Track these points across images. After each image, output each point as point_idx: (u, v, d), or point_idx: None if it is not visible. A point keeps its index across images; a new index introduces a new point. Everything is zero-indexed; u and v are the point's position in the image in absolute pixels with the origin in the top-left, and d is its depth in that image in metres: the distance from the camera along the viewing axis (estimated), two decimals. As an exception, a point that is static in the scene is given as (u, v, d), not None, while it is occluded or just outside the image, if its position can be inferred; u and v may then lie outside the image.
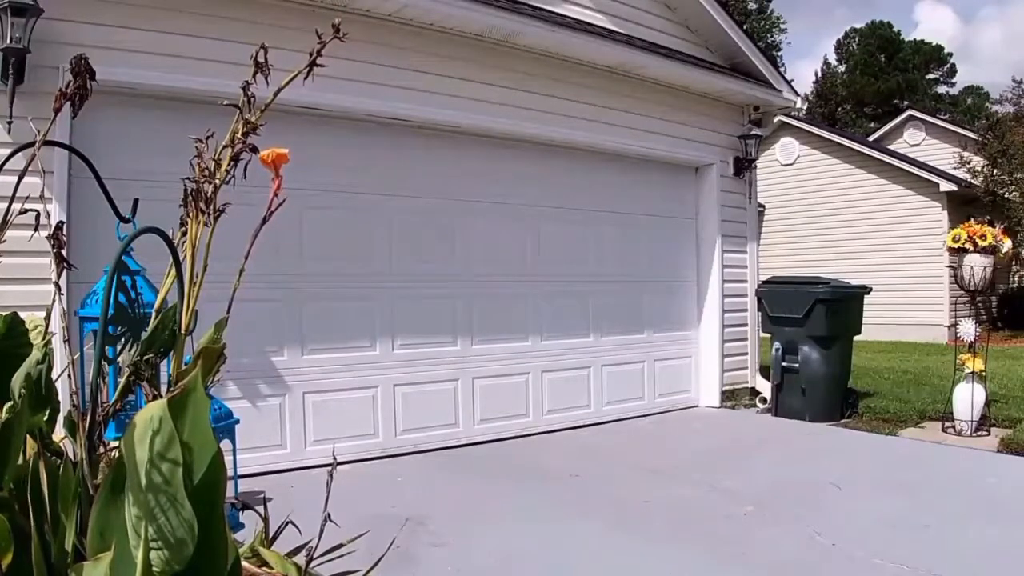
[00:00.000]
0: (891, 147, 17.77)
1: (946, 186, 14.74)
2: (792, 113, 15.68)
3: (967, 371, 6.12)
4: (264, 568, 1.26)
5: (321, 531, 1.25)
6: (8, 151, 1.33)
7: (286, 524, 1.46)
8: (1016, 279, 16.58)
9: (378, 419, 5.40)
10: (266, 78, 1.12)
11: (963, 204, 14.81)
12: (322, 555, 1.32)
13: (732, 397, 7.55)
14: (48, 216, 1.27)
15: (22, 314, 1.22)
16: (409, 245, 5.63)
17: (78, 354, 1.72)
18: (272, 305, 4.92)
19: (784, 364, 6.94)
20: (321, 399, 5.13)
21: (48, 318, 1.25)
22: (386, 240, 5.53)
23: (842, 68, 42.54)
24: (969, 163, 15.32)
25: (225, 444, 3.29)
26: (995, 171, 15.16)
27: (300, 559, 1.28)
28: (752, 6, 38.55)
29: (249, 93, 1.12)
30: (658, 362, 7.26)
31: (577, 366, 6.63)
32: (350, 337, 5.32)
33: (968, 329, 6.25)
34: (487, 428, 5.93)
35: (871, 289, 7.34)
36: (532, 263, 6.37)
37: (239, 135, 1.12)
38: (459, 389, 5.85)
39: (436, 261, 5.78)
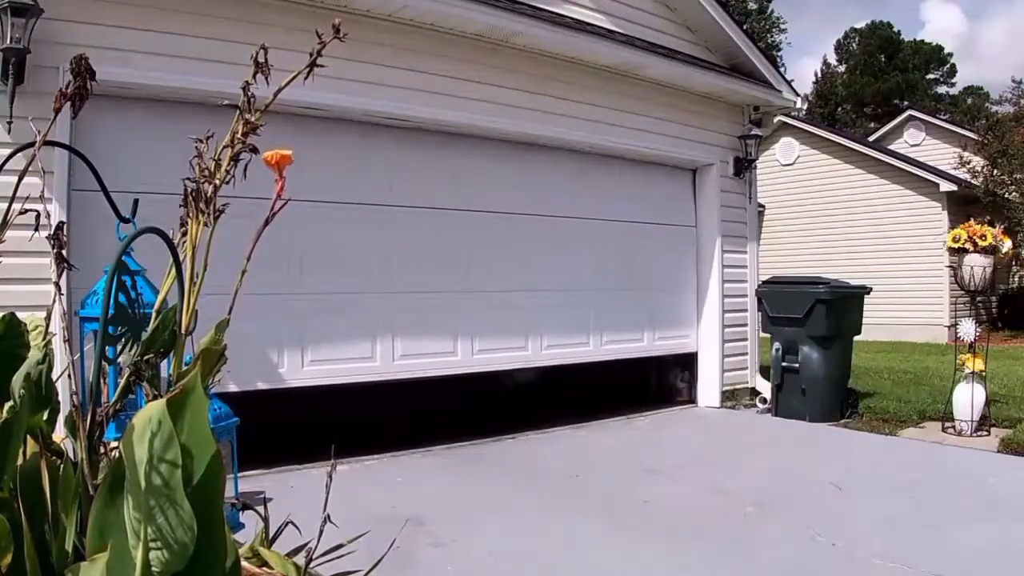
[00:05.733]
0: (891, 147, 17.77)
1: (946, 186, 14.75)
2: (792, 113, 15.67)
3: (967, 371, 6.12)
4: (264, 568, 1.26)
5: (321, 531, 1.25)
6: (8, 151, 1.33)
7: (286, 524, 1.46)
8: (1016, 279, 16.58)
9: (376, 344, 5.42)
10: (266, 78, 1.12)
11: (963, 204, 14.81)
12: (322, 555, 1.32)
13: (732, 397, 7.55)
14: (48, 216, 1.26)
15: (22, 314, 1.22)
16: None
17: (78, 354, 1.72)
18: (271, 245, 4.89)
19: (784, 364, 6.94)
20: (320, 320, 5.16)
21: (48, 318, 1.25)
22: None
23: (842, 68, 42.55)
24: (969, 163, 15.31)
25: (225, 444, 3.29)
26: (995, 171, 15.15)
27: (300, 559, 1.28)
28: (752, 6, 38.56)
29: (249, 93, 1.12)
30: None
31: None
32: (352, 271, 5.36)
33: (968, 329, 6.24)
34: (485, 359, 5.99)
35: (871, 289, 7.34)
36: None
37: (239, 135, 1.11)
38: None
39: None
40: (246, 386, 4.60)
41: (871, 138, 19.47)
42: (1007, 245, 6.38)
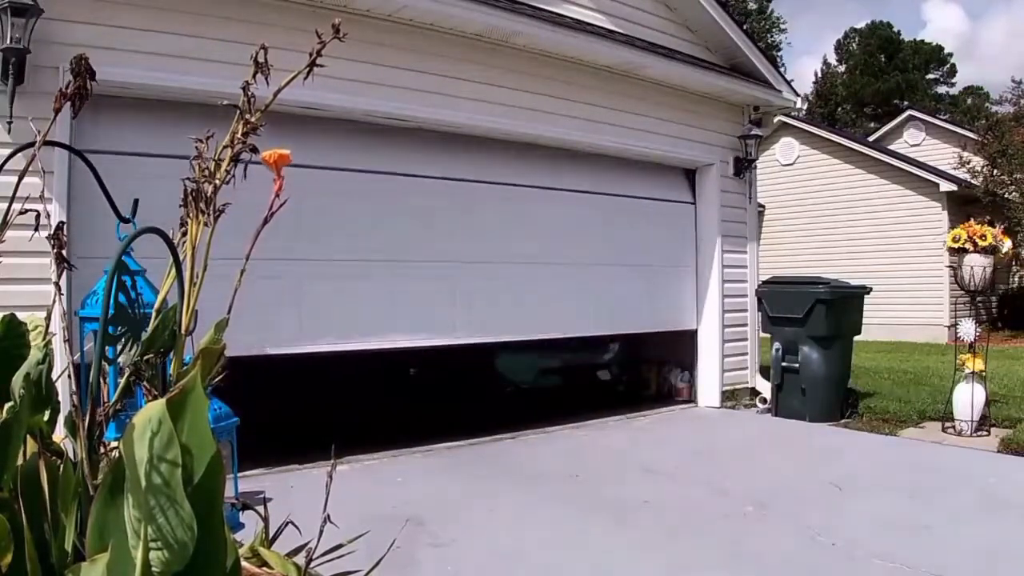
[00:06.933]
0: (891, 147, 17.77)
1: (946, 186, 14.75)
2: (792, 113, 15.68)
3: (967, 371, 6.12)
4: (264, 568, 1.26)
5: (321, 531, 1.25)
6: (8, 151, 1.33)
7: (286, 524, 1.46)
8: (1016, 279, 16.57)
9: (378, 313, 5.46)
10: (266, 78, 1.11)
11: (963, 204, 14.81)
12: (322, 555, 1.32)
13: (732, 397, 7.55)
14: (48, 216, 1.26)
15: (22, 314, 1.22)
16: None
17: (78, 354, 1.72)
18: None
19: (784, 364, 6.94)
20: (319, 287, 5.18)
21: (48, 318, 1.25)
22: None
23: (842, 68, 42.54)
24: (969, 163, 15.31)
25: (225, 444, 3.29)
26: (995, 171, 15.15)
27: (300, 559, 1.28)
28: (752, 6, 38.56)
29: (249, 93, 1.12)
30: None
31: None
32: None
33: (968, 329, 6.24)
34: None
35: (871, 289, 7.34)
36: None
37: (239, 135, 1.11)
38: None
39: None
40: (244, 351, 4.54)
41: (871, 138, 19.46)
42: (1007, 245, 6.38)
